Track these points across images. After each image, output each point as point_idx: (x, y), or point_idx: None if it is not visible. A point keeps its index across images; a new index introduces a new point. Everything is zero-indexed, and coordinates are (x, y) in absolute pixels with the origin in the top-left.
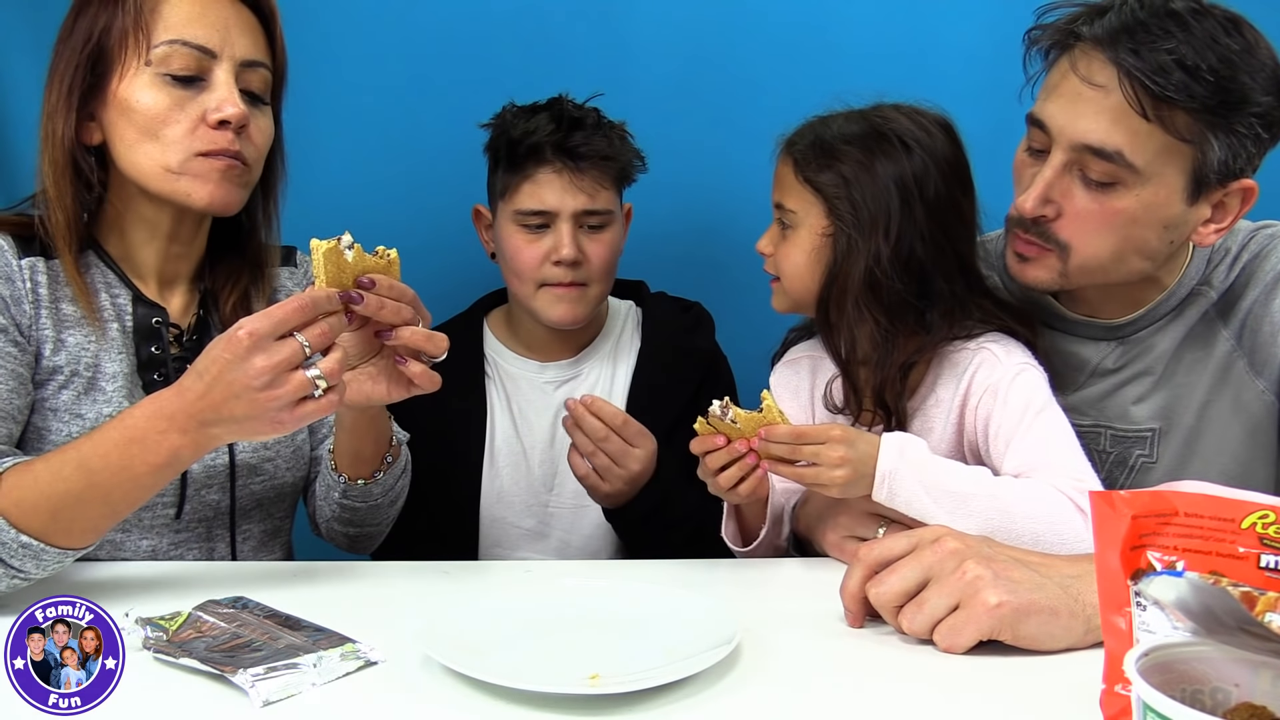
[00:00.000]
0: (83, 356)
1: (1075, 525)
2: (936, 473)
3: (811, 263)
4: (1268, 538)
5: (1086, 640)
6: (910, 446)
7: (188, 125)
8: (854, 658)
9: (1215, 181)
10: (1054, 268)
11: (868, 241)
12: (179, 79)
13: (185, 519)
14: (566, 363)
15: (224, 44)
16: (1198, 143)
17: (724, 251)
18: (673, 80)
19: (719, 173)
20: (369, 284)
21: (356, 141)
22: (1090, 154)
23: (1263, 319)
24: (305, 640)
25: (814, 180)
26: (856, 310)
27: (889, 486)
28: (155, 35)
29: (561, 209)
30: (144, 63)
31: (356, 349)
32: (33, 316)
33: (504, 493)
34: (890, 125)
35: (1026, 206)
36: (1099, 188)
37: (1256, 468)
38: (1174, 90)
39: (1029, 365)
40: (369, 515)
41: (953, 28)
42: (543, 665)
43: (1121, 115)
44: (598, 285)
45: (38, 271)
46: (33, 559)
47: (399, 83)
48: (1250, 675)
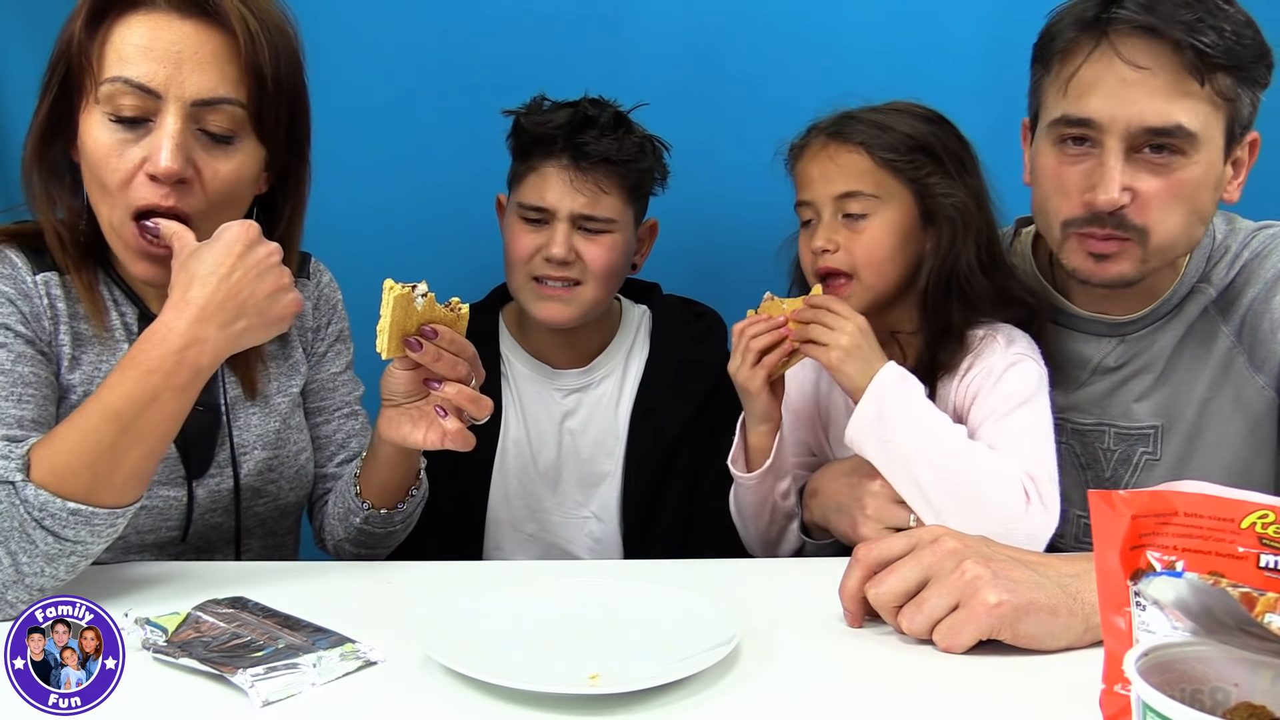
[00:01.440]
0: (95, 376)
1: (1016, 503)
2: (921, 409)
3: (900, 249)
4: (1267, 538)
5: (1085, 639)
6: (911, 380)
7: (124, 175)
8: (854, 658)
9: (1240, 136)
10: (1135, 256)
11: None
12: (123, 120)
13: (190, 541)
14: (578, 372)
15: (169, 82)
16: (1234, 100)
17: (724, 252)
18: (674, 81)
19: (719, 173)
20: (431, 334)
21: (356, 143)
22: (1153, 134)
23: (1263, 315)
24: (305, 640)
25: (896, 162)
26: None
27: (877, 404)
28: (105, 69)
29: (559, 207)
30: (95, 100)
31: (404, 387)
32: (52, 332)
33: (510, 495)
34: (924, 110)
35: (1112, 198)
36: (1162, 165)
37: (1258, 463)
38: (1219, 52)
39: (1026, 357)
40: (384, 539)
41: (953, 28)
42: (543, 665)
43: (1174, 89)
44: (592, 289)
45: (53, 286)
46: (85, 525)
47: (399, 84)
48: (1250, 675)
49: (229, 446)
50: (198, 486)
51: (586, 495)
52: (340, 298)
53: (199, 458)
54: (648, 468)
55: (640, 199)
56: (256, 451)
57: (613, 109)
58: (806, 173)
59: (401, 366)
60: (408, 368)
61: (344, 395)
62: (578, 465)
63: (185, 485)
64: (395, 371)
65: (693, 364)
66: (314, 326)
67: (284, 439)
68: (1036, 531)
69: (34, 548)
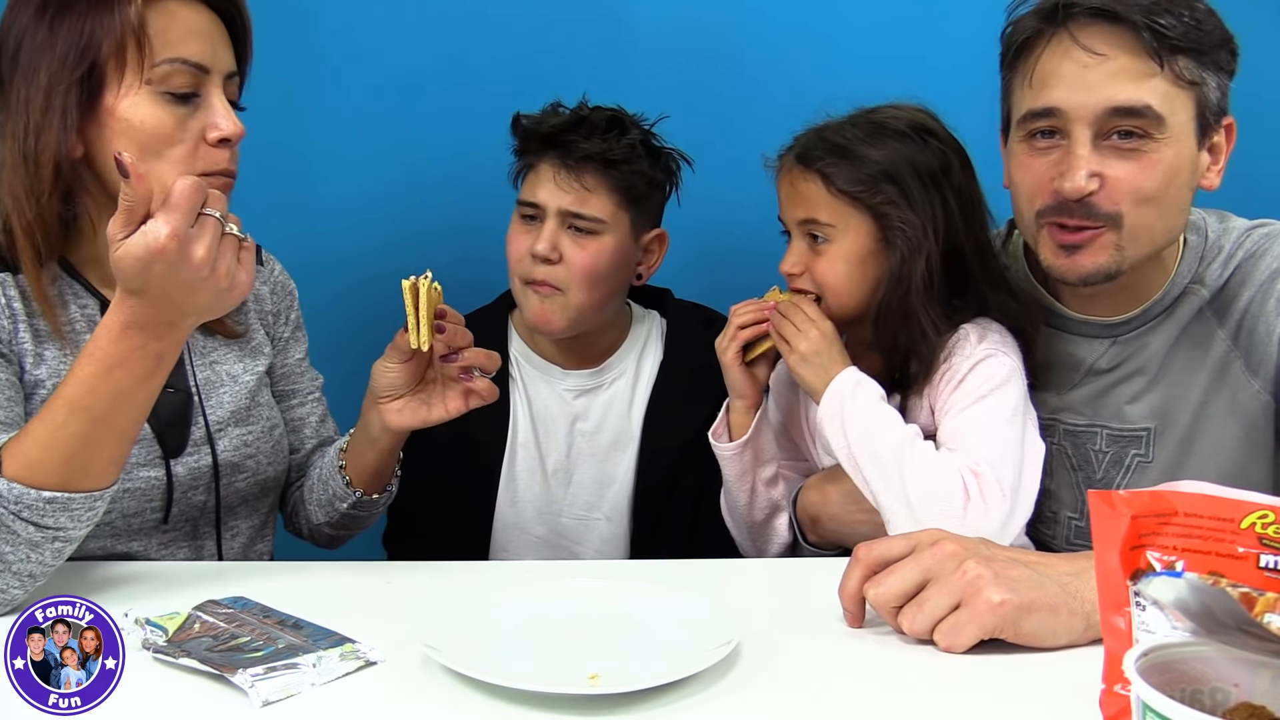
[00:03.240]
0: (61, 370)
1: (954, 504)
2: (873, 407)
3: (858, 273)
4: (1267, 538)
5: (1086, 637)
6: (864, 384)
7: (190, 145)
8: (854, 658)
9: (1213, 122)
10: (1109, 245)
11: (924, 243)
12: (178, 96)
13: (172, 521)
14: (588, 373)
15: (214, 59)
16: (1199, 84)
17: (725, 254)
18: (673, 82)
19: (719, 174)
20: (442, 315)
21: (356, 144)
22: (1118, 116)
23: (1259, 319)
24: (305, 640)
25: (851, 192)
26: (918, 311)
27: (832, 404)
28: (157, 53)
29: (548, 204)
30: (144, 81)
31: (404, 379)
32: (11, 331)
33: (518, 497)
34: (903, 122)
35: (1078, 184)
36: (1130, 150)
37: (1253, 467)
38: (1177, 34)
39: (996, 352)
40: (366, 520)
41: (951, 29)
42: (543, 665)
43: (1135, 71)
44: (576, 294)
45: (8, 287)
46: (63, 511)
47: (400, 84)
48: (1250, 675)
49: (204, 424)
50: (176, 465)
51: (598, 497)
52: (294, 287)
53: (175, 439)
54: (660, 469)
55: (636, 204)
56: (231, 428)
57: (611, 112)
58: (779, 190)
59: (397, 360)
60: (404, 360)
61: (310, 380)
62: (590, 467)
63: (163, 465)
64: (393, 366)
65: (706, 370)
66: (273, 310)
67: (255, 415)
68: (980, 529)
69: (16, 537)
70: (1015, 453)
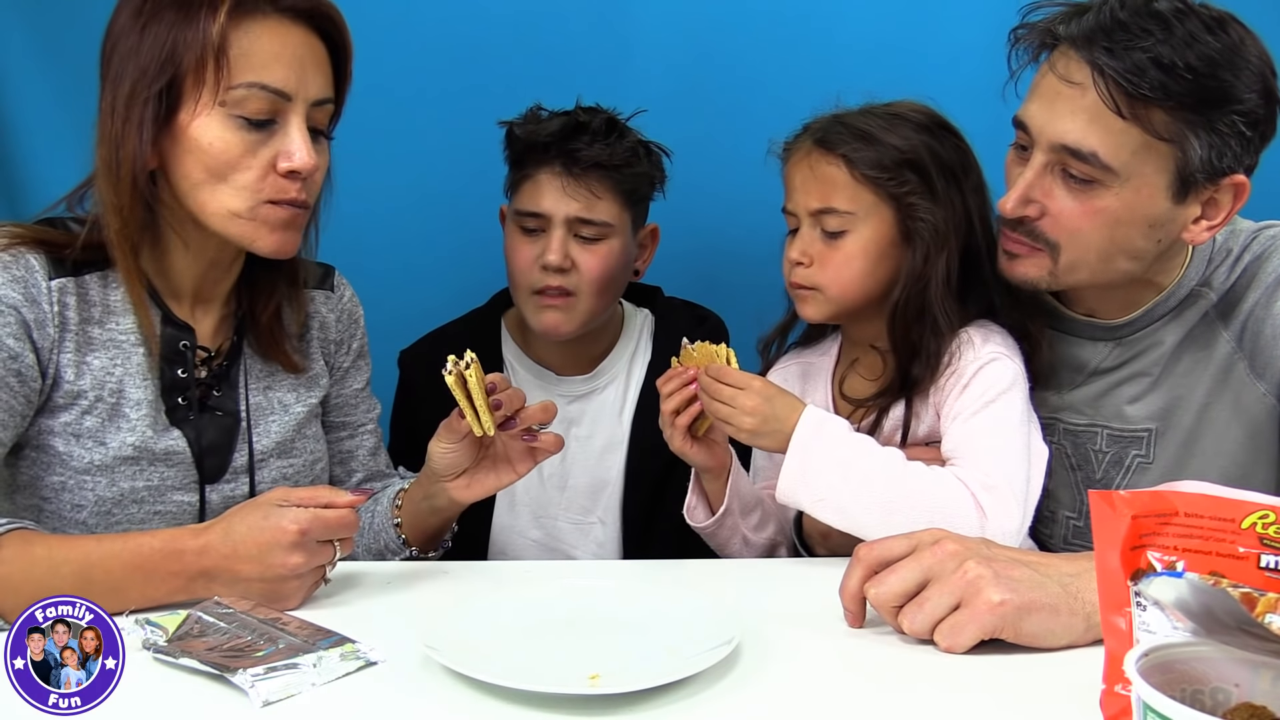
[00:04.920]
0: (107, 382)
1: (970, 519)
2: (848, 452)
3: (872, 266)
4: (1268, 538)
5: (1087, 637)
6: (829, 423)
7: (258, 172)
8: (854, 658)
9: (1203, 179)
10: (1044, 266)
11: (947, 238)
12: (252, 122)
13: None
14: (582, 379)
15: (299, 86)
16: (1178, 141)
17: (724, 254)
18: (673, 82)
19: (720, 174)
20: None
21: (357, 150)
22: (1068, 154)
23: (1264, 321)
24: (305, 640)
25: (876, 177)
26: (936, 310)
27: (800, 460)
28: (235, 75)
29: (554, 213)
30: (219, 102)
31: (464, 456)
32: (55, 340)
33: (515, 501)
34: (921, 115)
35: (1007, 207)
36: (1080, 187)
37: (1256, 471)
38: (1149, 88)
39: (1001, 355)
40: None
41: (953, 27)
42: (543, 665)
43: (1097, 114)
44: (588, 299)
45: (66, 293)
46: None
47: (399, 85)
48: (1250, 675)
49: (249, 452)
50: (211, 492)
51: (593, 500)
52: (361, 314)
53: (215, 465)
54: (650, 472)
55: (637, 204)
56: (274, 459)
57: (605, 115)
58: (791, 178)
59: (453, 441)
60: (459, 440)
61: (365, 412)
62: (585, 471)
63: (198, 490)
64: (451, 447)
65: None
66: (337, 339)
67: (300, 448)
68: (998, 541)
69: None
70: (1024, 460)
